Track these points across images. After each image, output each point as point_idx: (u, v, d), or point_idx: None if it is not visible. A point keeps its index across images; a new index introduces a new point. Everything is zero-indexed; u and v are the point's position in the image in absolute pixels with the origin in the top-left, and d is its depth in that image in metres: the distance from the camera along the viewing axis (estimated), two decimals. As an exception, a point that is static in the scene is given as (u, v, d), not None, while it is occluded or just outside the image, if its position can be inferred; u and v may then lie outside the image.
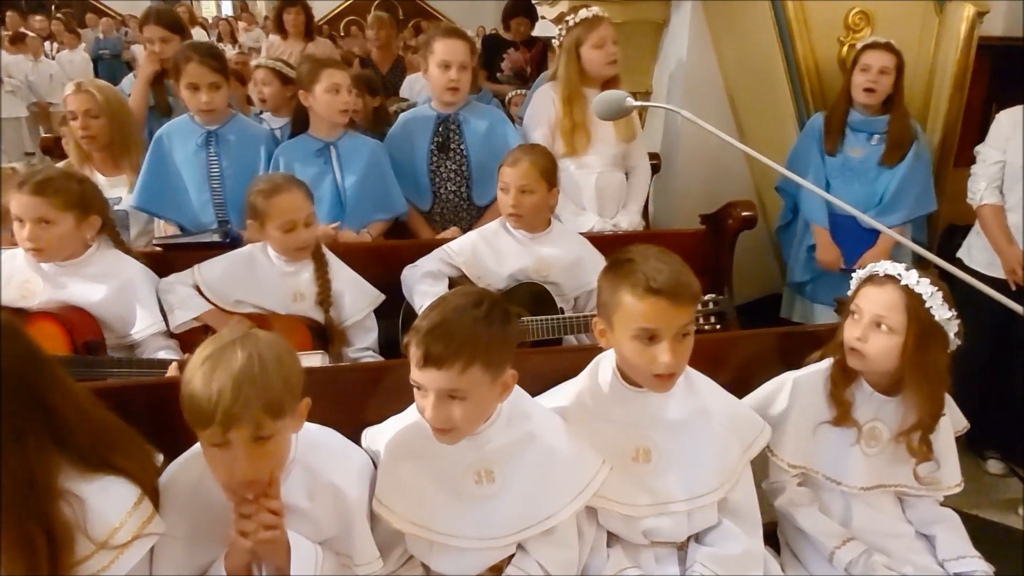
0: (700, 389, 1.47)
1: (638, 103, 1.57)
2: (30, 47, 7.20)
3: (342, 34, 8.16)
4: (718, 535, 1.45)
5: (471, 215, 2.64)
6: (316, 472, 1.28)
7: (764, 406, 1.59)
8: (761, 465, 1.60)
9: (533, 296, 2.12)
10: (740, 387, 1.62)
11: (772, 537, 1.64)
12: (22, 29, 7.78)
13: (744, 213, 2.49)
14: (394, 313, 2.14)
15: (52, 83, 7.22)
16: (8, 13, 8.30)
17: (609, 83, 2.63)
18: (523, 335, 1.97)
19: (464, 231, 2.54)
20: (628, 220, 2.69)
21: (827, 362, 1.58)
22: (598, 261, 2.21)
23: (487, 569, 1.37)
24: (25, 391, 1.06)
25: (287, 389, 1.16)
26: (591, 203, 2.65)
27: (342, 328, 2.06)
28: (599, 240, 2.31)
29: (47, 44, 8.11)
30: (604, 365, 1.47)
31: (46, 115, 7.02)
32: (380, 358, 2.06)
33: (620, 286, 1.34)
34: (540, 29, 5.07)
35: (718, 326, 2.04)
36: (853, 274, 1.59)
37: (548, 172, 2.13)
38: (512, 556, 1.37)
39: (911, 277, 1.44)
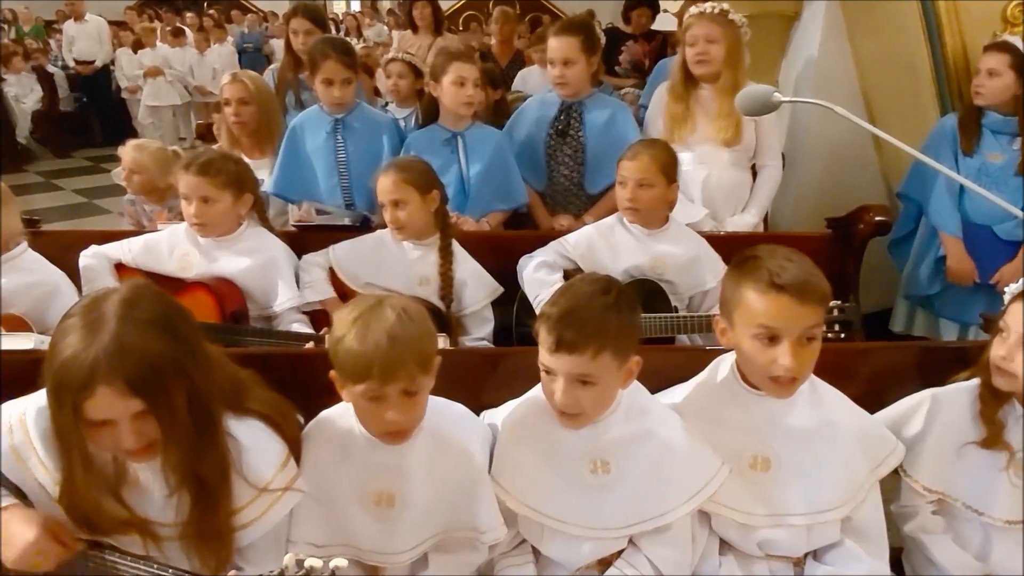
0: (826, 399, 1.41)
1: (786, 99, 1.52)
2: (191, 41, 7.91)
3: (461, 29, 8.35)
4: (839, 555, 1.39)
5: (581, 202, 2.66)
6: (443, 437, 1.34)
7: (899, 424, 1.50)
8: (890, 487, 1.51)
9: (647, 293, 2.11)
10: (869, 403, 1.52)
11: (897, 564, 1.54)
12: (179, 24, 8.55)
13: (878, 218, 2.34)
14: (509, 301, 2.18)
15: (204, 74, 7.89)
16: (165, 10, 9.13)
17: (714, 79, 2.54)
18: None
19: (574, 217, 2.59)
20: (743, 223, 2.59)
21: (974, 381, 1.47)
22: (716, 262, 2.17)
23: (596, 561, 1.38)
24: (183, 335, 1.16)
25: (432, 344, 1.24)
26: (698, 202, 2.58)
27: (459, 316, 2.14)
28: (713, 240, 2.26)
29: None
30: (724, 366, 1.44)
31: (204, 103, 7.71)
32: (493, 347, 2.11)
33: (743, 282, 1.30)
34: (661, 22, 5.00)
35: (842, 335, 1.95)
36: (987, 289, 1.46)
37: (668, 167, 2.10)
38: (622, 551, 1.37)
39: None
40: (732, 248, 2.14)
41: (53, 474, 1.22)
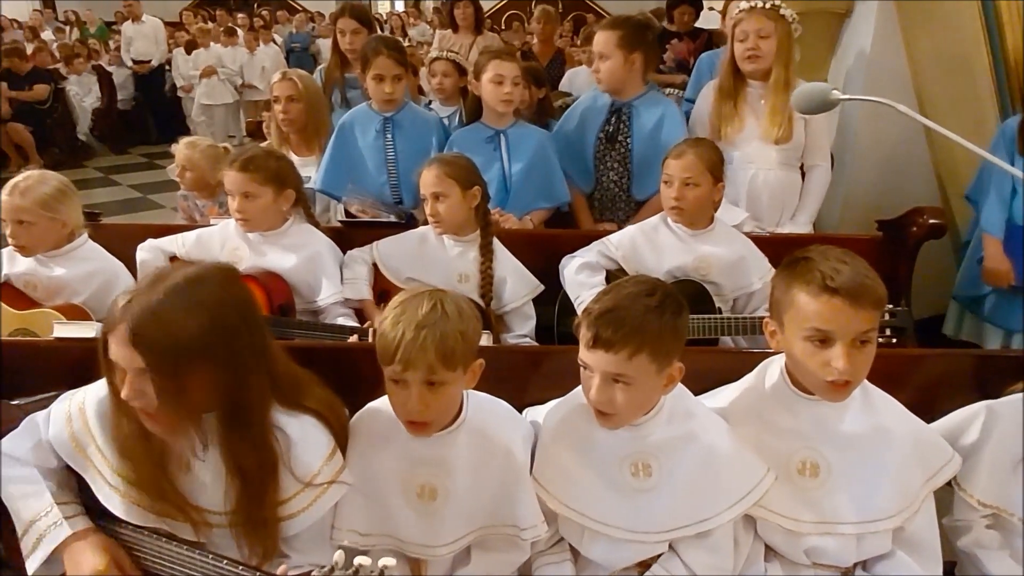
0: (879, 406, 1.37)
1: (846, 96, 1.48)
2: (241, 41, 8.14)
3: (504, 28, 8.38)
4: (890, 566, 1.35)
5: (628, 207, 2.63)
6: (486, 433, 1.35)
7: (954, 436, 1.45)
8: (943, 500, 1.46)
9: (691, 294, 2.08)
10: (921, 412, 1.46)
11: (949, 578, 1.50)
12: (230, 24, 8.79)
13: (931, 221, 2.26)
14: (551, 300, 2.19)
15: (253, 73, 8.11)
16: (219, 11, 9.41)
17: (764, 76, 2.49)
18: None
19: (620, 225, 2.55)
20: (792, 228, 2.53)
21: None
22: (761, 264, 2.14)
23: (636, 564, 1.37)
24: (249, 327, 1.22)
25: (463, 343, 1.24)
26: (742, 201, 2.53)
27: (500, 314, 2.15)
28: (760, 241, 2.22)
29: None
30: (772, 369, 1.41)
31: (252, 102, 7.94)
32: (536, 345, 2.11)
33: (795, 283, 1.27)
34: (705, 20, 4.93)
35: (894, 340, 1.90)
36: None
37: (714, 166, 2.07)
38: (663, 554, 1.36)
39: None
40: (779, 249, 2.12)
41: (111, 461, 1.27)
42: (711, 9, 5.06)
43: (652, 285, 1.30)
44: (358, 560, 0.95)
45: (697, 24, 4.73)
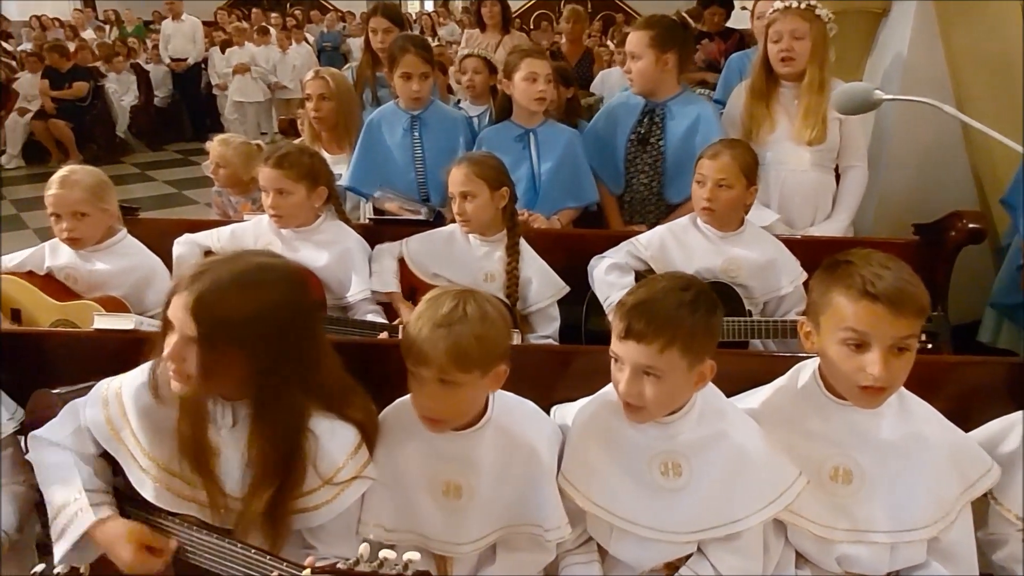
0: (916, 413, 1.34)
1: (889, 97, 1.45)
2: (274, 40, 8.28)
3: (532, 27, 8.38)
4: (924, 577, 1.33)
5: (659, 211, 2.60)
6: (511, 433, 1.35)
7: (990, 447, 1.41)
8: (977, 511, 1.42)
9: (719, 296, 2.04)
10: (955, 421, 1.42)
11: (985, 592, 1.46)
12: (264, 24, 8.94)
13: (971, 225, 2.22)
14: (578, 300, 2.18)
15: (285, 71, 8.24)
16: (254, 10, 9.59)
17: (799, 77, 2.45)
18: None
19: (650, 228, 2.54)
20: (829, 230, 2.47)
21: None
22: (793, 267, 2.11)
23: (664, 565, 1.36)
24: (300, 331, 1.24)
25: (478, 346, 1.23)
26: (774, 203, 2.50)
27: (524, 314, 2.15)
28: (793, 244, 2.19)
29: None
30: (805, 372, 1.39)
31: (284, 100, 8.09)
32: (564, 345, 2.11)
33: (833, 286, 1.25)
34: (736, 20, 4.88)
35: (929, 346, 1.86)
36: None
37: (749, 168, 2.05)
38: (691, 555, 1.35)
39: None
40: (812, 253, 2.09)
41: (145, 448, 1.30)
42: (743, 8, 5.01)
43: (687, 281, 1.29)
44: (383, 553, 0.97)
45: (728, 24, 4.69)
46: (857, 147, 2.54)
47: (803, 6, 2.41)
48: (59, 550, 1.29)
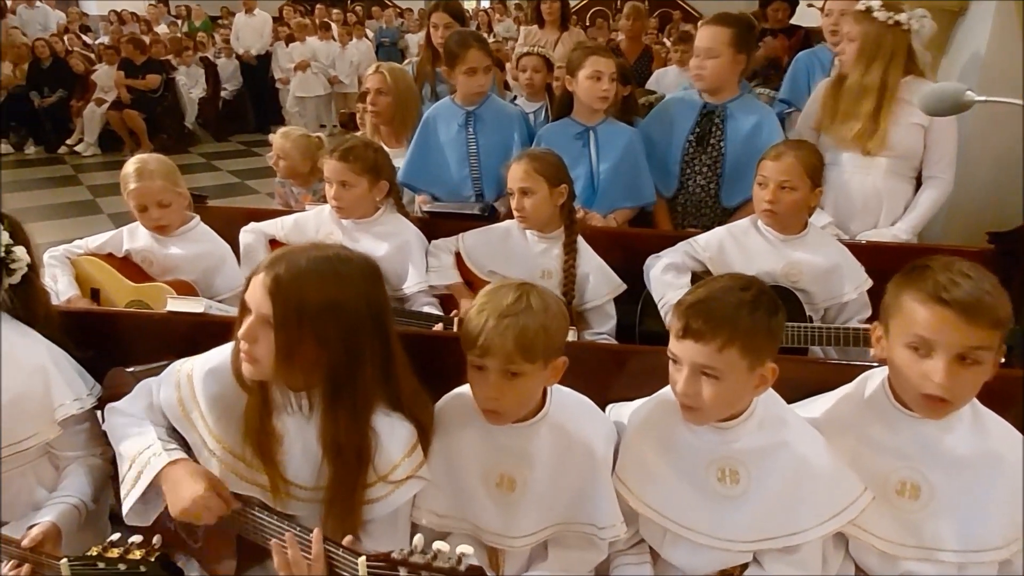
0: (991, 429, 1.29)
1: (982, 98, 1.38)
2: (335, 35, 8.47)
3: (588, 24, 8.32)
4: (994, 601, 1.27)
5: (715, 214, 2.55)
6: (567, 430, 1.35)
7: None
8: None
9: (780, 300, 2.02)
10: None
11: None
12: (325, 19, 9.15)
13: (1051, 235, 2.12)
14: (633, 300, 2.17)
15: (344, 66, 8.42)
16: (317, 6, 9.82)
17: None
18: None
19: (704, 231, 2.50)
20: (887, 236, 2.37)
21: None
22: (857, 273, 2.05)
23: (717, 573, 1.34)
24: (373, 324, 1.26)
25: (544, 336, 1.25)
26: (829, 205, 2.42)
27: (580, 311, 2.14)
28: (857, 249, 2.12)
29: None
30: (873, 381, 1.35)
31: (343, 94, 8.32)
32: (620, 344, 2.09)
33: (906, 289, 1.22)
34: (800, 16, 4.74)
35: (1002, 359, 1.78)
36: None
37: (814, 170, 1.99)
38: (745, 566, 1.33)
39: None
40: (878, 259, 2.03)
41: (212, 430, 1.34)
42: (810, 6, 4.87)
43: (747, 281, 1.27)
44: (436, 545, 0.98)
45: (793, 20, 4.56)
46: (943, 155, 2.39)
47: (863, 8, 2.33)
48: (131, 497, 1.31)
